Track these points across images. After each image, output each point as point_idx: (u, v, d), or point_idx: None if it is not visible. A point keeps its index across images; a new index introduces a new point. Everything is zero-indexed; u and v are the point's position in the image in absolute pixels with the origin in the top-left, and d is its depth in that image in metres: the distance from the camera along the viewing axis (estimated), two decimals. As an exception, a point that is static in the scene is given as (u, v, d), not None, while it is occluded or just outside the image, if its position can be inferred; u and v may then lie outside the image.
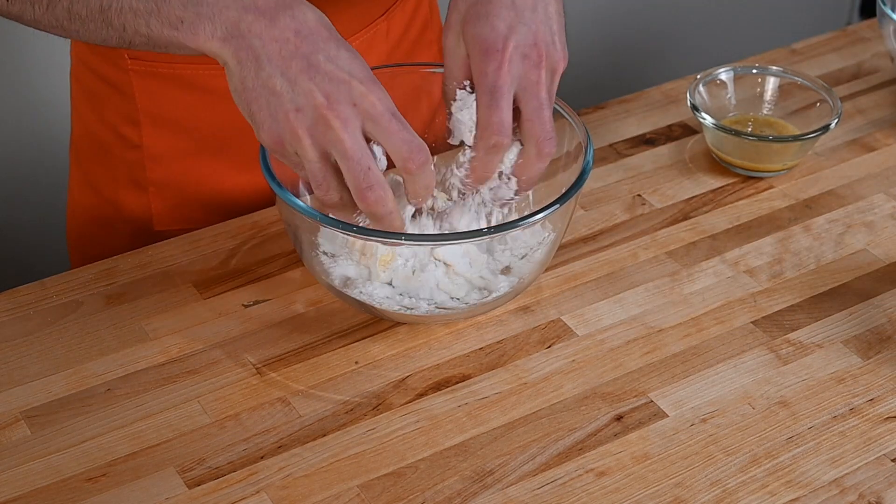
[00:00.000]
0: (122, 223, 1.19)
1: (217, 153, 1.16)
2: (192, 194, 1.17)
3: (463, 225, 0.99)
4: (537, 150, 0.94)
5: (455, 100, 0.96)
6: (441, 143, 1.10)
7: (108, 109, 1.16)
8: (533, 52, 0.92)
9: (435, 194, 0.97)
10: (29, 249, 1.90)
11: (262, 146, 0.95)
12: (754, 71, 1.25)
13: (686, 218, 1.14)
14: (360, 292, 0.97)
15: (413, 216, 0.98)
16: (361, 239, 0.97)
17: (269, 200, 1.16)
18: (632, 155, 1.22)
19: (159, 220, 1.17)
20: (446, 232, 1.00)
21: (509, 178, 0.96)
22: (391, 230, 0.90)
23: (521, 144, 0.95)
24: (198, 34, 0.86)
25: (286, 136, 0.86)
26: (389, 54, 1.19)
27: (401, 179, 0.91)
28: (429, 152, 0.88)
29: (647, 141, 1.24)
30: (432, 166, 0.88)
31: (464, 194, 0.98)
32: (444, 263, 0.98)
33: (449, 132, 0.98)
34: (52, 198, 1.83)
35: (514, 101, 0.93)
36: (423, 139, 1.07)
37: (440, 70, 1.08)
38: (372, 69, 1.04)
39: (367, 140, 0.87)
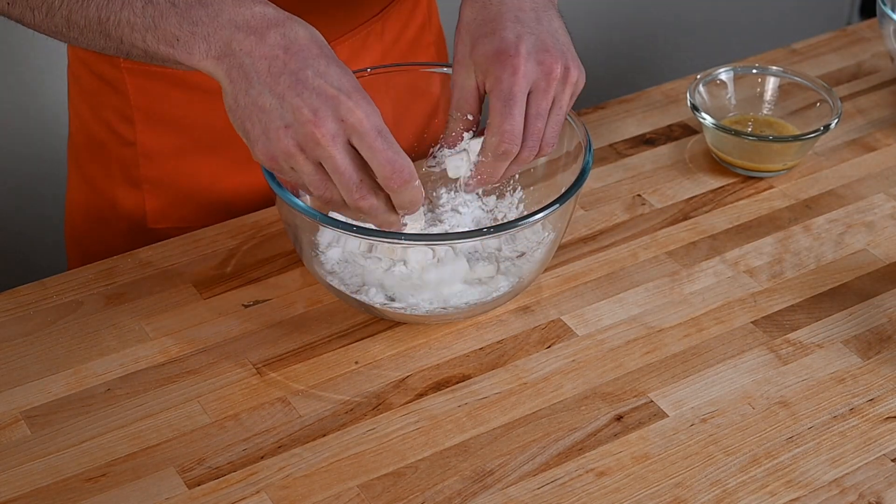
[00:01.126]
0: (118, 220, 1.19)
1: (210, 151, 1.16)
2: (186, 192, 1.17)
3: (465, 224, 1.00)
4: (518, 160, 0.94)
5: (451, 146, 0.97)
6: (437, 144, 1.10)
7: (103, 106, 1.16)
8: (546, 58, 0.92)
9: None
10: (29, 249, 1.90)
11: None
12: (754, 71, 1.25)
13: (686, 218, 1.14)
14: (361, 292, 0.97)
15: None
16: (361, 239, 0.97)
17: (263, 198, 1.16)
18: (632, 155, 1.22)
19: (153, 218, 1.17)
20: (447, 232, 1.00)
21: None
22: (390, 229, 0.91)
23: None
24: (193, 53, 0.86)
25: (278, 152, 0.86)
26: (384, 55, 1.19)
27: None
28: (413, 170, 0.87)
29: (647, 141, 1.24)
30: (417, 182, 0.88)
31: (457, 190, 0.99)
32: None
33: (437, 162, 0.99)
34: (52, 197, 1.83)
35: None
36: (421, 138, 1.08)
37: (438, 70, 1.08)
38: (370, 69, 1.05)
39: None
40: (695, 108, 1.18)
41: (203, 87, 1.12)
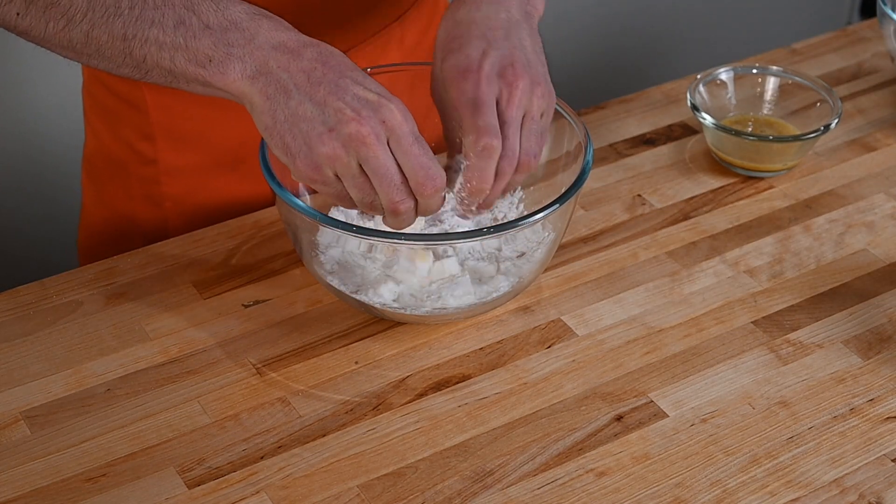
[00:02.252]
0: (138, 239, 1.18)
1: (232, 167, 1.15)
2: (208, 209, 1.16)
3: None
4: (500, 173, 0.93)
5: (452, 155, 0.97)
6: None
7: (122, 125, 1.15)
8: (508, 72, 0.92)
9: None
10: (29, 250, 1.90)
11: (261, 144, 0.95)
12: (754, 71, 1.25)
13: (686, 218, 1.14)
14: (361, 292, 0.97)
15: None
16: (361, 239, 0.97)
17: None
18: (632, 155, 1.22)
19: (174, 235, 1.17)
20: (447, 231, 1.00)
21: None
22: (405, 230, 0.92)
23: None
24: (227, 73, 0.86)
25: (322, 158, 0.86)
26: (405, 60, 1.19)
27: None
28: (444, 178, 0.89)
29: (647, 141, 1.24)
30: (444, 194, 0.90)
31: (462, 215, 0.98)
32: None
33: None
34: (52, 197, 1.83)
35: None
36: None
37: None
38: (370, 69, 1.05)
39: None
40: (695, 108, 1.18)
41: (224, 103, 1.11)
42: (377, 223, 1.03)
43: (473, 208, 0.95)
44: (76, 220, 1.27)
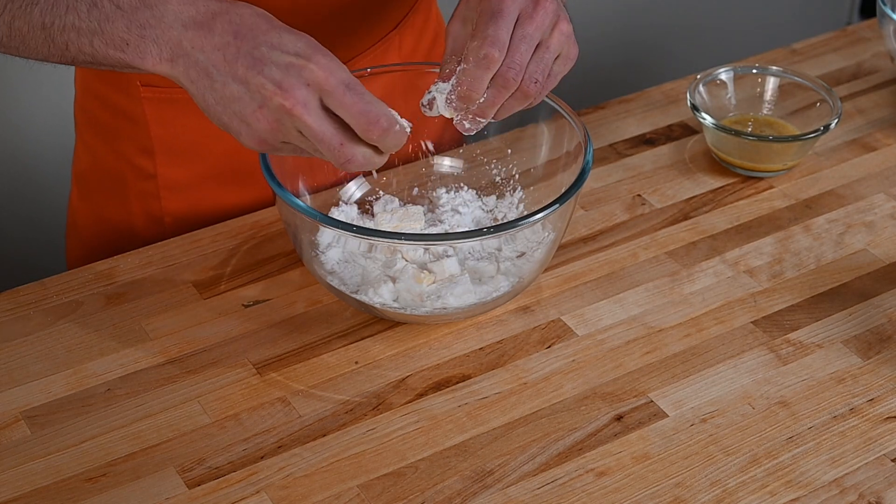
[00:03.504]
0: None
1: (232, 180, 1.15)
2: (208, 222, 1.15)
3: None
4: (496, 81, 0.90)
5: (445, 79, 0.93)
6: (447, 143, 1.10)
7: (120, 140, 1.14)
8: (529, 7, 0.90)
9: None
10: (29, 249, 1.90)
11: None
12: (754, 71, 1.25)
13: (686, 218, 1.14)
14: (361, 292, 0.97)
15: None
16: (361, 239, 0.97)
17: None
18: (632, 155, 1.22)
19: None
20: (447, 231, 1.00)
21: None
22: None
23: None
24: (145, 57, 0.85)
25: (264, 134, 0.85)
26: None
27: None
28: (390, 116, 0.86)
29: (647, 141, 1.24)
30: (397, 127, 0.86)
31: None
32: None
33: (430, 104, 0.94)
34: (53, 197, 1.83)
35: None
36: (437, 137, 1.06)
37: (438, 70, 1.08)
38: (370, 68, 1.05)
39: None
40: (695, 108, 1.18)
41: None
42: (377, 223, 1.04)
43: (468, 118, 0.92)
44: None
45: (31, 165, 1.87)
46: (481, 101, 0.91)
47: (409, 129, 0.87)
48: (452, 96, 0.91)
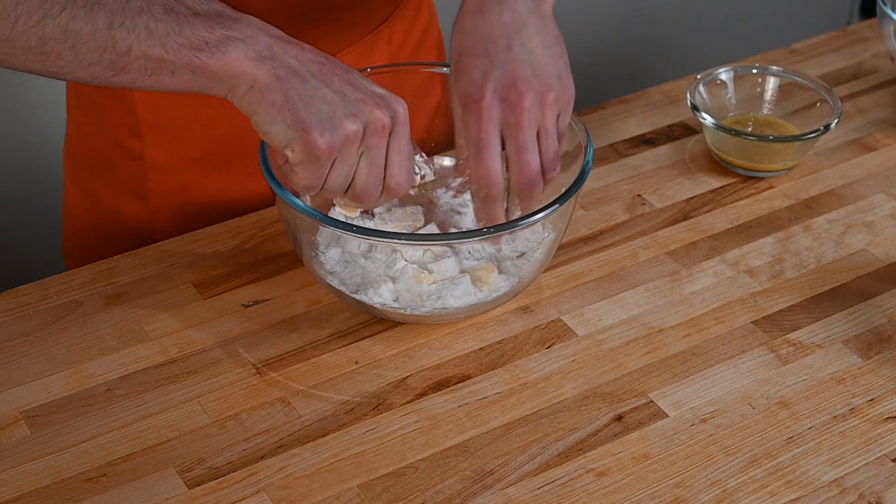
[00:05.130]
0: (123, 234, 1.18)
1: (220, 164, 1.15)
2: (194, 205, 1.16)
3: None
4: (520, 192, 0.95)
5: (462, 172, 0.98)
6: (440, 144, 1.10)
7: (109, 120, 1.15)
8: (511, 93, 0.92)
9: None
10: (29, 250, 1.90)
11: (261, 145, 0.95)
12: (754, 71, 1.25)
13: (686, 218, 1.14)
14: (361, 292, 0.97)
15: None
16: (361, 239, 0.97)
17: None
18: (632, 155, 1.22)
19: (161, 231, 1.17)
20: (448, 231, 1.00)
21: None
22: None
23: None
24: (227, 53, 0.86)
25: (341, 137, 0.87)
26: (391, 60, 1.19)
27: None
28: (412, 182, 0.92)
29: (647, 141, 1.24)
30: (412, 191, 0.93)
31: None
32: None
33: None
34: (52, 197, 1.83)
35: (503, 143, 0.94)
36: (424, 138, 1.08)
37: (442, 70, 1.08)
38: (375, 67, 1.05)
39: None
40: (695, 108, 1.18)
41: (211, 98, 1.11)
42: (377, 223, 1.04)
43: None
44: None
45: (31, 165, 1.87)
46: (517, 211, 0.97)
47: (432, 177, 0.95)
48: (480, 224, 0.97)
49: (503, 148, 0.94)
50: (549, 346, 1.00)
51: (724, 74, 1.24)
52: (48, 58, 0.85)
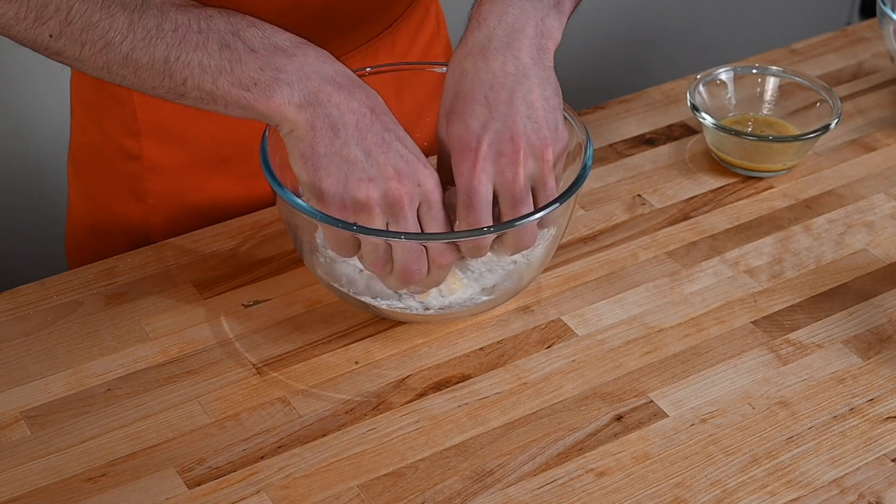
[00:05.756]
0: (120, 234, 1.18)
1: (217, 166, 1.15)
2: (191, 206, 1.16)
3: None
4: (514, 246, 0.94)
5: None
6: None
7: (108, 120, 1.15)
8: (508, 148, 0.91)
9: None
10: (29, 249, 1.90)
11: (262, 144, 0.95)
12: (754, 71, 1.25)
13: (686, 218, 1.14)
14: (361, 292, 0.97)
15: None
16: (360, 238, 0.97)
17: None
18: (632, 155, 1.22)
19: (157, 232, 1.17)
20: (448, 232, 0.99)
21: None
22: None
23: None
24: (273, 97, 0.86)
25: (352, 202, 0.87)
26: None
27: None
28: (456, 255, 0.91)
29: (647, 141, 1.24)
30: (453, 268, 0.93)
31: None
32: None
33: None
34: (52, 197, 1.83)
35: (495, 196, 0.92)
36: (432, 143, 1.07)
37: (440, 70, 1.08)
38: (370, 68, 1.05)
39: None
40: (695, 108, 1.18)
41: None
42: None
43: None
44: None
45: (31, 165, 1.87)
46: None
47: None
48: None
49: (495, 198, 0.92)
50: (549, 346, 1.00)
51: (724, 74, 1.24)
52: (116, 78, 0.89)
